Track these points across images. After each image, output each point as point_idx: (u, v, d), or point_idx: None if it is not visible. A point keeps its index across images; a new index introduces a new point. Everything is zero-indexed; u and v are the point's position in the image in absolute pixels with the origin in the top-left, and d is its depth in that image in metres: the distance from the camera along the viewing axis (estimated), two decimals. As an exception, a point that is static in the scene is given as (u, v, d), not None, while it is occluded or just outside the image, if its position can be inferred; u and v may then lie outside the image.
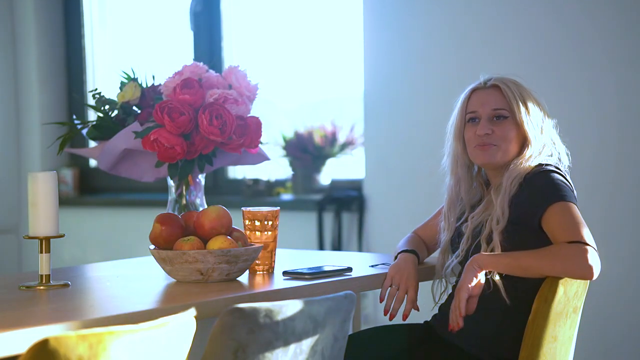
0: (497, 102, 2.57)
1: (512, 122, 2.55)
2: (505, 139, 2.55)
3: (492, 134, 2.55)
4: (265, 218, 2.54)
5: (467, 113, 2.60)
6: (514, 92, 2.56)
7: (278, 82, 5.04)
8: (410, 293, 2.54)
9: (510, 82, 2.58)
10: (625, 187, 3.80)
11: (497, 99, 2.57)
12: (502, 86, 2.57)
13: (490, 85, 2.59)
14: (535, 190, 2.45)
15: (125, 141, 2.70)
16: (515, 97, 2.56)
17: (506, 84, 2.58)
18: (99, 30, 5.59)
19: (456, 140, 2.62)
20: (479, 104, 2.58)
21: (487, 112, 2.57)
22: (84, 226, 5.37)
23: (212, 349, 1.90)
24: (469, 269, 2.37)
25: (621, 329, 3.80)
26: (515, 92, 2.56)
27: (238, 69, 2.72)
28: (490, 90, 2.59)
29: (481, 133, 2.55)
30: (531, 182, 2.47)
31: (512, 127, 2.55)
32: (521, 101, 2.56)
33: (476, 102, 2.59)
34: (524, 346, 2.42)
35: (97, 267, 2.83)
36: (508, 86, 2.57)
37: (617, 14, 3.79)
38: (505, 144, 2.55)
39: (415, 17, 4.29)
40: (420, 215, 2.87)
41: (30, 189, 2.39)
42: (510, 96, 2.56)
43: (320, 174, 4.78)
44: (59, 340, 1.66)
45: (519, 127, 2.55)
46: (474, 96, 2.60)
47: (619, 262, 3.78)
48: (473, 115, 2.59)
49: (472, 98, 2.60)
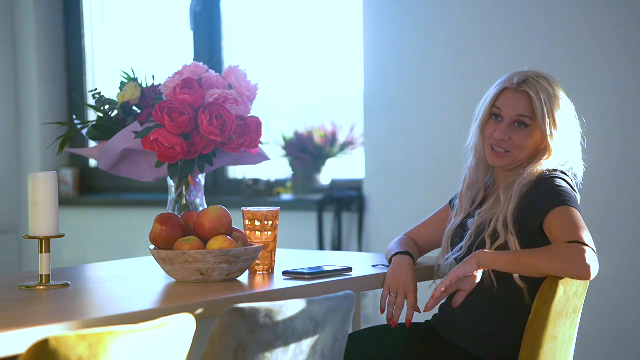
0: (523, 108, 2.54)
1: (533, 131, 2.54)
2: (521, 148, 2.55)
3: (509, 140, 2.55)
4: (265, 218, 2.54)
5: (492, 107, 2.59)
6: (543, 102, 2.52)
7: (278, 82, 5.04)
8: (409, 298, 2.53)
9: (543, 89, 2.54)
10: (625, 186, 3.80)
11: (524, 105, 2.54)
12: (533, 94, 2.53)
13: (521, 90, 2.56)
14: (540, 195, 2.46)
15: (125, 141, 2.70)
16: (543, 107, 2.52)
17: (538, 92, 2.53)
18: (99, 30, 5.59)
19: (479, 131, 2.62)
20: (506, 106, 2.56)
21: (510, 116, 2.55)
22: (84, 226, 5.37)
23: (212, 349, 1.91)
24: (469, 262, 2.38)
25: (621, 329, 3.80)
26: (545, 102, 2.52)
27: (238, 69, 2.72)
28: (520, 95, 2.55)
29: (498, 137, 2.55)
30: (537, 186, 2.48)
31: (531, 136, 2.55)
32: (548, 113, 2.52)
33: (504, 102, 2.57)
34: (524, 346, 2.42)
35: (97, 267, 2.83)
36: (539, 94, 2.53)
37: (617, 14, 3.80)
38: (520, 151, 2.55)
39: (415, 17, 4.29)
40: (420, 215, 2.88)
41: (30, 189, 2.39)
42: (538, 107, 2.52)
43: (320, 174, 4.78)
44: (59, 340, 1.66)
45: (540, 136, 2.54)
46: (503, 95, 2.58)
47: (619, 262, 3.78)
48: (498, 112, 2.58)
49: (501, 96, 2.58)
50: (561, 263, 2.34)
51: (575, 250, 2.33)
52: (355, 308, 2.16)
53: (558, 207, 2.41)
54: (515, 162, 2.55)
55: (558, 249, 2.35)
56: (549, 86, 2.55)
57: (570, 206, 2.42)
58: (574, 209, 2.42)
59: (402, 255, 2.62)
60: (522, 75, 2.57)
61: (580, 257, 2.32)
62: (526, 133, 2.54)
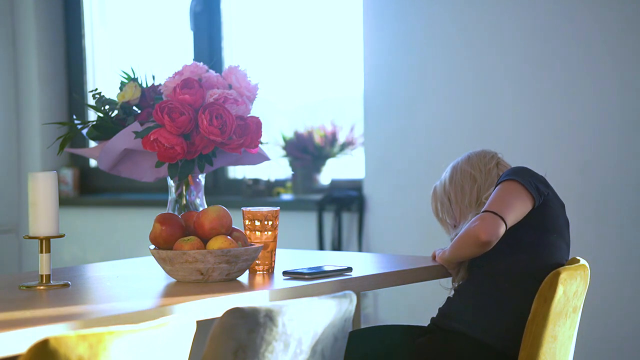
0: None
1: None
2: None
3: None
4: (265, 218, 2.54)
5: None
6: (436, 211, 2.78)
7: (278, 82, 5.04)
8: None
9: (437, 198, 2.78)
10: (625, 185, 3.80)
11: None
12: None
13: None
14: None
15: (125, 141, 2.70)
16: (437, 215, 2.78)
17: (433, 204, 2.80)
18: (99, 30, 5.59)
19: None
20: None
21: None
22: (84, 226, 5.37)
23: (212, 349, 1.91)
24: (440, 259, 2.68)
25: (621, 329, 3.80)
26: (437, 209, 2.78)
27: (238, 69, 2.72)
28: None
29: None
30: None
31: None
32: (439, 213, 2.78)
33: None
34: (524, 346, 2.42)
35: (97, 267, 2.83)
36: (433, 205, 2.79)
37: (620, 12, 3.79)
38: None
39: (416, 17, 4.29)
40: (420, 215, 2.88)
41: (30, 189, 2.39)
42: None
43: (320, 174, 4.78)
44: (59, 340, 1.66)
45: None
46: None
47: (618, 262, 3.78)
48: None
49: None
50: (462, 242, 2.53)
51: (480, 217, 2.50)
52: (355, 308, 2.16)
53: (502, 181, 2.57)
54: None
55: (461, 235, 2.55)
56: (441, 188, 2.79)
57: (513, 179, 2.56)
58: (514, 182, 2.55)
59: None
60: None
61: (480, 221, 2.49)
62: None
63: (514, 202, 2.52)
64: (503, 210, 2.50)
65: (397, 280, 2.63)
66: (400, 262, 2.81)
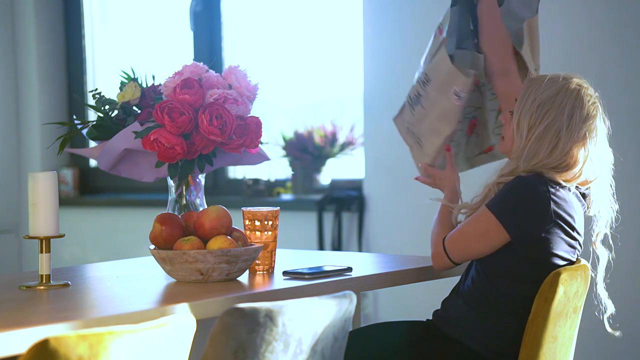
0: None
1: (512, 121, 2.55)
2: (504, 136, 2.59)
3: (502, 126, 2.63)
4: (265, 218, 2.54)
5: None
6: (525, 97, 2.48)
7: (278, 82, 5.04)
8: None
9: (539, 89, 2.48)
10: (625, 185, 3.80)
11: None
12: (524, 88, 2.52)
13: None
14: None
15: (125, 141, 2.70)
16: (521, 102, 2.49)
17: (530, 87, 2.49)
18: (99, 30, 5.59)
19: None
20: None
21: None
22: (84, 226, 5.37)
23: (212, 349, 1.90)
24: (441, 186, 2.81)
25: (621, 329, 3.80)
26: (527, 98, 2.48)
27: (238, 69, 2.72)
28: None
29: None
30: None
31: (509, 126, 2.56)
32: (523, 110, 2.48)
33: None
34: (524, 346, 2.42)
35: (97, 267, 2.83)
36: (528, 90, 2.49)
37: (624, 11, 3.79)
38: (505, 140, 2.59)
39: (415, 17, 4.28)
40: (420, 215, 2.88)
41: (30, 189, 2.39)
42: (519, 100, 2.51)
43: (320, 174, 4.78)
44: (59, 340, 1.66)
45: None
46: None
47: (618, 262, 3.77)
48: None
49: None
50: (433, 243, 2.59)
51: (434, 246, 2.58)
52: (355, 308, 2.16)
53: (485, 207, 2.47)
54: (506, 150, 2.58)
55: (435, 237, 2.59)
56: (554, 90, 2.49)
57: (489, 210, 2.46)
58: (489, 213, 2.45)
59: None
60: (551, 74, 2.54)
61: (433, 250, 2.57)
62: (509, 122, 2.56)
63: (472, 243, 2.48)
64: (456, 249, 2.52)
65: (397, 280, 2.63)
66: (400, 262, 2.81)
